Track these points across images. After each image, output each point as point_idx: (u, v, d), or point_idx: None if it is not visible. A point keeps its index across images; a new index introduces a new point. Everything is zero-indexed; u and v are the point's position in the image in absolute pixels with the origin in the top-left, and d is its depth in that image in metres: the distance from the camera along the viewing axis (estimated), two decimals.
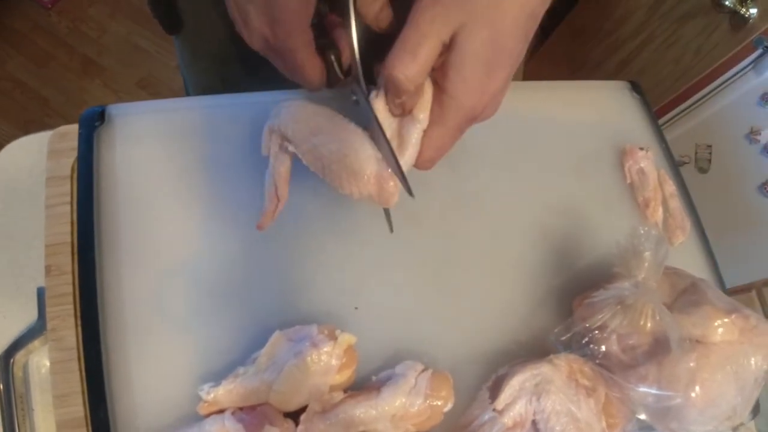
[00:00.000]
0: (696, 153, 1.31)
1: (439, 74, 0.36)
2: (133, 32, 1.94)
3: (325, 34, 0.40)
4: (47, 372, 0.47)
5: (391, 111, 0.39)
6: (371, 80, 0.40)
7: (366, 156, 0.38)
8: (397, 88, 0.35)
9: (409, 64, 0.34)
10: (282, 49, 0.39)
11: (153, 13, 0.67)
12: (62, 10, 1.95)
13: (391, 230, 0.46)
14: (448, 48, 0.35)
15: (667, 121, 1.36)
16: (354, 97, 0.40)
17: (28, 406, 0.46)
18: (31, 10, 1.93)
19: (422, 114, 0.37)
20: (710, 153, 1.28)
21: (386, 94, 0.38)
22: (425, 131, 0.38)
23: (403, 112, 0.38)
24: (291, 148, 0.41)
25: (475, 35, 0.34)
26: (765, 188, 1.15)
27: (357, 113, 0.40)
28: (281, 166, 0.42)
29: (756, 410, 0.53)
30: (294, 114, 0.41)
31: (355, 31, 0.36)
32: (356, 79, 0.39)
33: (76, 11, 1.95)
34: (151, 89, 1.87)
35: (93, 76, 1.88)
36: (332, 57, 0.39)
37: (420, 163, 0.40)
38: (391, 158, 0.37)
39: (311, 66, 0.39)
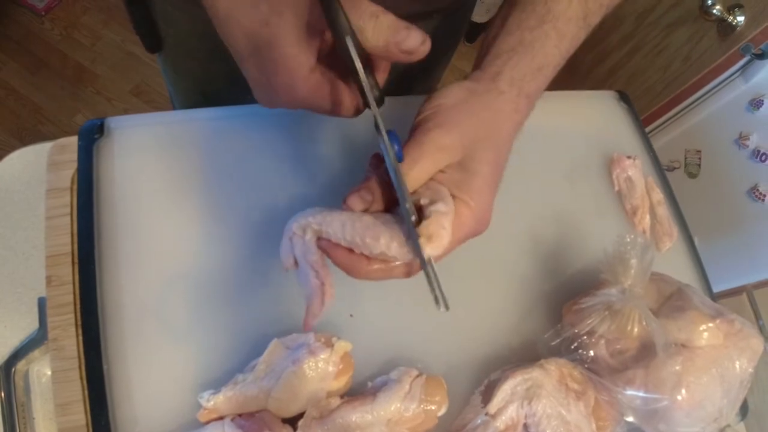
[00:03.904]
0: (685, 158, 1.32)
1: (456, 190, 0.38)
2: (127, 40, 1.94)
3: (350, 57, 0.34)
4: (48, 381, 0.47)
5: None
6: None
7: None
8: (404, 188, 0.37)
9: (408, 172, 0.37)
10: (284, 99, 0.36)
11: (135, 30, 0.68)
12: (55, 18, 1.95)
13: (447, 308, 0.37)
14: (459, 167, 0.39)
15: (657, 127, 1.38)
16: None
17: (29, 415, 0.47)
18: (24, 17, 1.93)
19: (442, 205, 0.37)
20: (700, 158, 1.30)
21: None
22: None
23: None
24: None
25: (484, 160, 0.39)
26: (754, 192, 1.16)
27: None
28: (313, 255, 0.38)
29: (744, 412, 0.55)
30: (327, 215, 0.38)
31: (360, 68, 0.33)
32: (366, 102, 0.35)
33: (69, 18, 1.95)
34: (144, 97, 1.88)
35: (86, 83, 1.88)
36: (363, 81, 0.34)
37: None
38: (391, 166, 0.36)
39: (322, 104, 0.37)
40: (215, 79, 0.75)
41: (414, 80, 0.78)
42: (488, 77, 0.41)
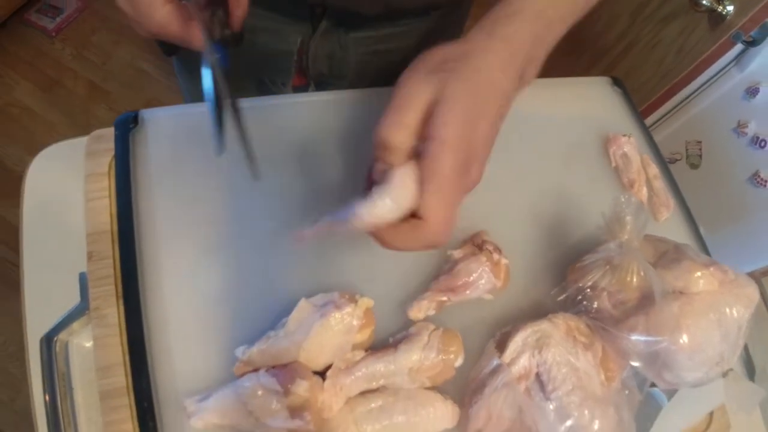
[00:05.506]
0: (687, 150, 1.35)
1: (425, 130, 0.36)
2: (137, 57, 2.00)
3: None
4: (86, 353, 0.51)
5: (373, 177, 0.39)
6: None
7: None
8: (388, 149, 0.37)
9: (396, 122, 0.36)
10: (150, 28, 0.41)
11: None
12: (66, 38, 2.00)
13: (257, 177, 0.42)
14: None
15: (657, 121, 1.41)
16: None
17: (68, 385, 0.50)
18: (35, 39, 1.98)
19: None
20: (700, 149, 1.32)
21: (376, 159, 0.38)
22: (427, 200, 0.36)
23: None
24: None
25: (455, 87, 0.36)
26: (755, 179, 1.17)
27: None
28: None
29: (751, 372, 0.57)
30: None
31: None
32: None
33: (79, 39, 2.00)
34: None
35: (99, 100, 1.93)
36: (216, 16, 0.40)
37: (435, 231, 0.36)
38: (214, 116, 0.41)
39: (179, 33, 0.42)
40: (230, 85, 0.79)
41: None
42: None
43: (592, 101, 0.72)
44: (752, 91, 1.17)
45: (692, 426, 0.57)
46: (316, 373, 0.43)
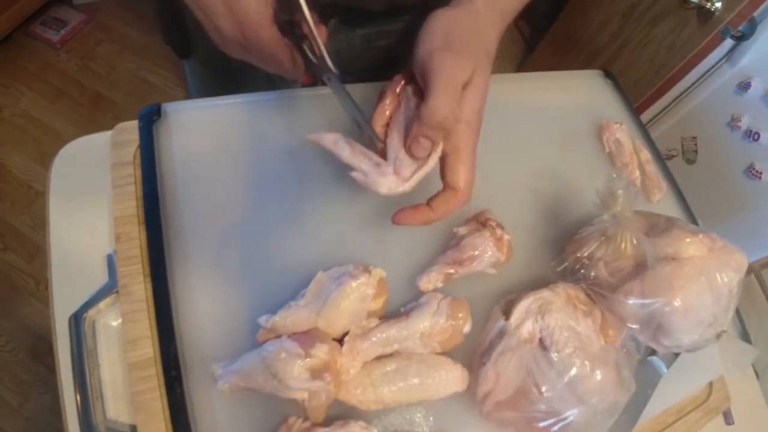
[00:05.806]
0: (682, 146, 1.37)
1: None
2: (141, 68, 2.03)
3: (296, 28, 0.44)
4: (113, 332, 0.53)
5: (414, 153, 0.42)
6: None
7: None
8: (443, 127, 0.41)
9: (453, 105, 0.40)
10: (254, 47, 0.44)
11: (165, 40, 0.75)
12: (71, 50, 2.04)
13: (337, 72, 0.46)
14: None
15: (652, 118, 1.44)
16: (325, 77, 0.45)
17: (95, 362, 0.53)
18: (40, 51, 2.01)
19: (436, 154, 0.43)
20: (696, 144, 1.34)
21: (419, 137, 0.41)
22: (460, 170, 0.42)
23: (429, 151, 0.42)
24: None
25: (483, 76, 0.43)
26: (750, 171, 1.20)
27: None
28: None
29: (746, 338, 0.60)
30: None
31: (309, 16, 0.42)
32: (322, 59, 0.44)
33: (84, 50, 2.04)
34: None
35: (104, 110, 1.96)
36: (305, 46, 0.44)
37: (466, 195, 0.43)
38: (365, 125, 0.44)
39: (282, 54, 0.44)
40: (241, 83, 0.82)
41: (399, 67, 0.84)
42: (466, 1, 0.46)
43: (586, 92, 0.76)
44: (744, 86, 1.20)
45: (692, 396, 0.60)
46: (333, 340, 0.45)
